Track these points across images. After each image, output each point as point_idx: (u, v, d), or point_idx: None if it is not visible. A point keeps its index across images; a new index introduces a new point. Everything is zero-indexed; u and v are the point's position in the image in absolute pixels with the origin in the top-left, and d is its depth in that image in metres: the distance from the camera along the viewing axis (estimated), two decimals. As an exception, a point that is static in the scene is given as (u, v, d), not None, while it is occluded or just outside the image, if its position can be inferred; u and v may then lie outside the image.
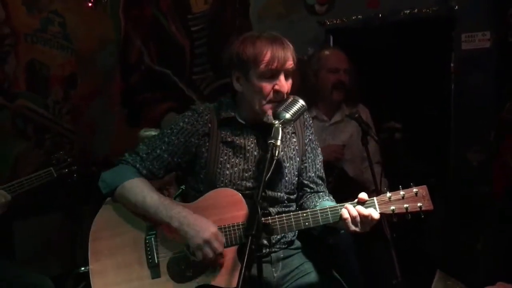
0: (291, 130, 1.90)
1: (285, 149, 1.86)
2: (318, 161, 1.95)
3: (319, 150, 1.97)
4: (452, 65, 3.51)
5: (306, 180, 1.92)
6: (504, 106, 3.10)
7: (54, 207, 3.89)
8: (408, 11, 3.52)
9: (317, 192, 1.92)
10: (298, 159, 1.89)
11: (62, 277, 3.03)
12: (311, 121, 1.97)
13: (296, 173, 1.89)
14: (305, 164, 1.91)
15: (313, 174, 1.92)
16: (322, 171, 1.96)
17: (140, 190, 1.73)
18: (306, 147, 1.92)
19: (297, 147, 1.89)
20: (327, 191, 1.96)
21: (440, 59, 3.54)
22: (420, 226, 3.29)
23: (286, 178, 1.84)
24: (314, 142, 1.96)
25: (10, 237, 3.61)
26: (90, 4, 4.44)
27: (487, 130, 3.25)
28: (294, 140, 1.89)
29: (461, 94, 3.46)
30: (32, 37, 4.03)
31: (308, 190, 1.92)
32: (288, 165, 1.85)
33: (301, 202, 1.92)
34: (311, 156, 1.93)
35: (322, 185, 1.96)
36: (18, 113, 3.92)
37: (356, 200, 1.68)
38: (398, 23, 3.57)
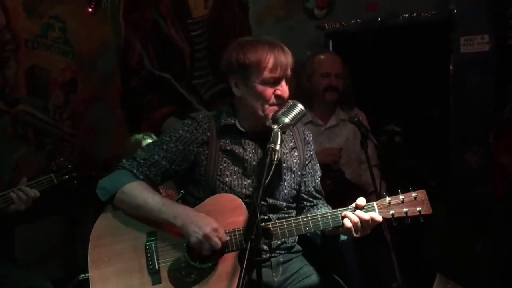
0: (292, 145, 1.91)
1: (288, 162, 1.87)
2: (317, 176, 1.97)
3: (318, 165, 1.99)
4: (451, 68, 3.52)
5: (305, 194, 1.93)
6: (503, 109, 3.11)
7: (55, 211, 3.90)
8: (406, 15, 3.53)
9: (316, 205, 1.94)
10: (299, 173, 1.90)
11: (63, 281, 3.04)
12: (311, 137, 1.98)
13: (296, 187, 1.90)
14: (305, 179, 1.92)
15: (311, 189, 1.94)
16: (320, 184, 1.98)
17: (140, 192, 1.73)
18: (307, 163, 1.93)
19: (298, 162, 1.90)
20: (325, 203, 1.97)
21: (439, 62, 3.55)
22: (420, 230, 3.30)
23: (285, 191, 1.86)
24: (315, 158, 1.98)
25: (11, 241, 3.62)
26: (90, 9, 4.45)
27: (486, 133, 3.26)
28: (296, 154, 1.90)
29: (460, 97, 3.47)
30: (33, 42, 4.05)
31: (308, 204, 1.94)
32: (288, 178, 1.86)
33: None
34: (311, 172, 1.94)
35: (320, 198, 1.97)
36: (19, 118, 3.93)
37: (353, 204, 1.69)
38: (397, 26, 3.58)
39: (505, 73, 3.30)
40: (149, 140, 2.87)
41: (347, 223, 1.64)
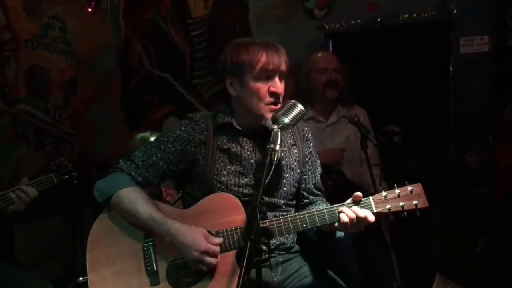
0: (291, 142, 1.91)
1: (286, 159, 1.87)
2: (317, 173, 1.97)
3: (318, 162, 1.99)
4: (450, 68, 3.52)
5: (305, 192, 1.93)
6: (502, 109, 3.12)
7: (55, 211, 3.90)
8: (406, 15, 3.53)
9: (315, 202, 1.94)
10: (298, 170, 1.90)
11: (63, 281, 3.04)
12: (310, 134, 1.98)
13: (296, 184, 1.89)
14: (305, 176, 1.92)
15: (311, 186, 1.94)
16: (320, 181, 1.98)
17: (133, 200, 1.73)
18: (307, 160, 1.93)
19: (297, 159, 1.90)
20: (324, 199, 1.97)
21: (439, 62, 3.55)
22: (420, 230, 3.30)
23: (284, 189, 1.85)
24: (315, 155, 1.98)
25: (11, 241, 3.62)
26: (90, 9, 4.46)
27: (486, 133, 3.26)
28: (295, 151, 1.90)
29: (460, 97, 3.47)
30: (33, 42, 4.05)
31: (307, 201, 1.94)
32: (287, 175, 1.86)
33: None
34: (311, 169, 1.94)
35: (320, 195, 1.97)
36: (19, 118, 3.93)
37: (350, 199, 1.70)
38: (397, 27, 3.59)
39: (505, 73, 3.31)
40: (153, 137, 2.85)
41: (344, 217, 1.65)
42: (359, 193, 1.68)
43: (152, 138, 2.84)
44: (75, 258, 3.96)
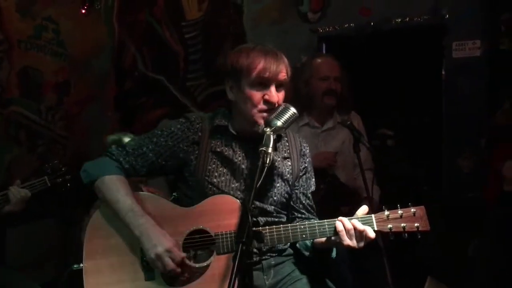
0: (286, 155, 1.90)
1: (279, 169, 1.86)
2: (310, 191, 1.96)
3: (313, 180, 1.98)
4: (443, 73, 3.55)
5: (297, 206, 1.92)
6: (494, 113, 3.14)
7: (47, 213, 3.88)
8: (399, 20, 3.57)
9: (308, 218, 1.92)
10: (290, 183, 1.89)
11: (55, 284, 3.02)
12: (308, 150, 1.98)
13: (286, 195, 1.89)
14: (296, 191, 1.91)
15: (304, 202, 1.93)
16: (312, 201, 1.97)
17: (115, 189, 1.74)
18: (301, 175, 1.92)
19: (290, 171, 1.89)
20: (317, 219, 1.94)
21: (431, 67, 3.58)
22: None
23: (275, 198, 1.85)
24: (310, 172, 1.97)
25: (2, 243, 3.59)
26: (84, 11, 4.45)
27: (478, 138, 3.29)
28: (289, 164, 1.90)
29: (452, 101, 3.50)
30: (26, 43, 4.03)
31: (299, 216, 1.93)
32: (278, 185, 1.86)
33: None
34: (304, 185, 1.93)
35: (312, 213, 1.96)
36: (11, 119, 3.91)
37: (354, 216, 1.70)
38: (390, 31, 3.62)
39: (497, 77, 3.34)
40: (127, 139, 2.84)
41: (339, 226, 1.65)
42: (363, 209, 1.69)
43: (126, 139, 2.83)
44: (68, 260, 3.93)
